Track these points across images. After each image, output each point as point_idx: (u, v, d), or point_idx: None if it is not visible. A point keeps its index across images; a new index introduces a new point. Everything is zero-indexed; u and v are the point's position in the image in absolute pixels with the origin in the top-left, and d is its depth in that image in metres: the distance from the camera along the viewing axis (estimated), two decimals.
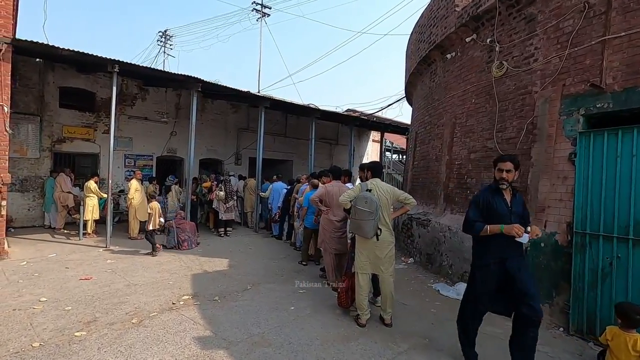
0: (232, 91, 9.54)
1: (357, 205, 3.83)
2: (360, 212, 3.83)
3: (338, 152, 17.18)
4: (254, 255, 7.32)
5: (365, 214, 3.82)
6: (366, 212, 3.82)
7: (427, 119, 7.26)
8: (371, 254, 4.06)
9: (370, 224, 3.85)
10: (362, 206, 3.82)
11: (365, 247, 4.05)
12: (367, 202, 3.83)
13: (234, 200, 9.45)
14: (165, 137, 11.81)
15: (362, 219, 3.83)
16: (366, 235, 3.90)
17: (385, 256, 4.09)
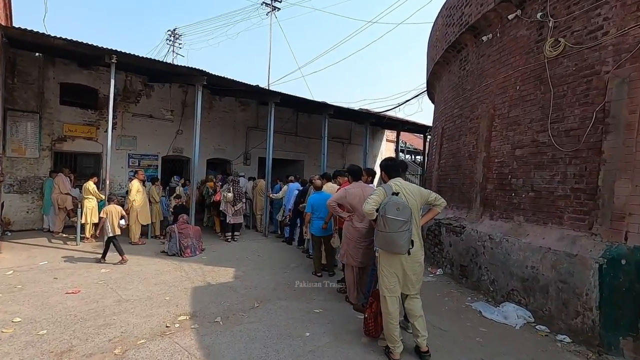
0: (239, 85, 8.82)
1: (388, 214, 3.02)
2: (391, 223, 3.02)
3: (351, 151, 16.36)
4: (263, 264, 6.56)
5: (398, 224, 3.02)
6: (399, 221, 3.02)
7: (457, 112, 6.40)
8: (400, 271, 3.26)
9: (404, 236, 3.05)
10: (393, 214, 3.01)
11: (393, 264, 3.25)
12: (399, 208, 3.03)
13: (243, 202, 8.72)
14: (171, 135, 11.16)
15: (394, 231, 3.03)
16: (400, 250, 3.10)
17: (416, 273, 3.30)
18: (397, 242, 3.06)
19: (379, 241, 3.18)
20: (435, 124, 8.00)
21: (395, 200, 3.09)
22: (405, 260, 3.22)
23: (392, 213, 3.03)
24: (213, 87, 10.05)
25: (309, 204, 5.84)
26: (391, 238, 3.06)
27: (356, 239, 4.48)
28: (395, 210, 3.02)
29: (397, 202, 3.06)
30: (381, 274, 3.31)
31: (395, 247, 3.09)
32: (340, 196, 4.56)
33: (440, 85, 7.87)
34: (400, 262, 3.23)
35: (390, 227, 3.04)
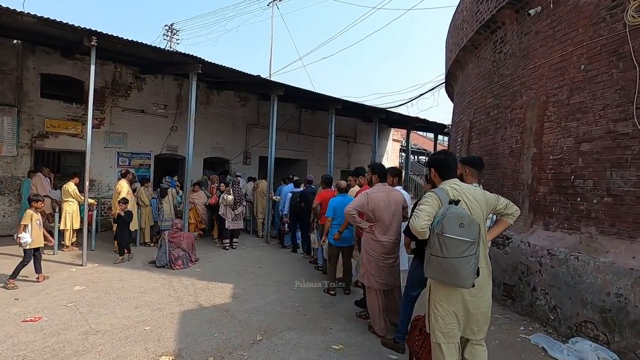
0: (238, 76, 7.85)
1: (447, 232, 2.06)
2: (452, 245, 2.07)
3: (356, 151, 15.41)
4: (266, 278, 5.59)
5: (462, 247, 2.07)
6: (464, 242, 2.07)
7: (491, 102, 5.45)
8: (461, 309, 2.30)
9: (470, 262, 2.11)
10: (455, 233, 2.06)
11: (452, 301, 2.29)
12: (463, 224, 2.07)
13: (243, 205, 7.77)
14: (164, 132, 10.18)
15: (456, 256, 2.07)
16: (463, 283, 2.14)
17: (483, 311, 2.34)
18: (459, 272, 2.10)
19: (432, 270, 2.21)
20: (459, 118, 7.06)
21: (458, 213, 2.13)
22: (468, 294, 2.27)
23: (453, 231, 2.07)
24: (209, 79, 9.10)
25: (330, 207, 4.88)
26: (451, 266, 2.10)
27: (379, 255, 3.53)
28: (457, 227, 2.06)
29: (459, 215, 2.11)
30: (434, 314, 2.35)
31: (456, 278, 2.13)
32: (361, 202, 3.59)
33: (465, 74, 6.92)
34: (462, 297, 2.28)
35: (450, 251, 2.08)
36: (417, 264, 3.28)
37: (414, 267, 3.30)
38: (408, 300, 3.36)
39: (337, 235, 4.67)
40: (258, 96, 11.92)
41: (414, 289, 3.33)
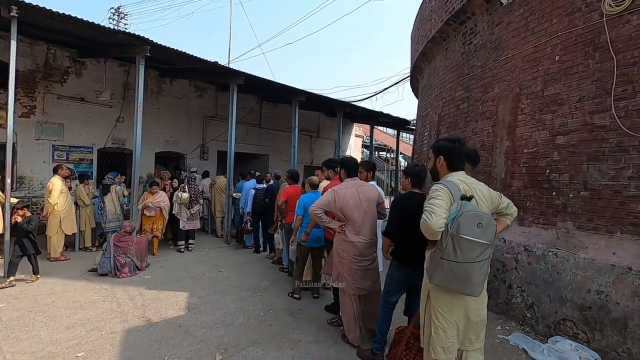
0: (193, 62, 7.14)
1: (463, 232, 1.73)
2: (469, 247, 1.74)
3: (319, 145, 15.07)
4: (226, 284, 5.06)
5: (478, 250, 1.76)
6: (481, 245, 1.76)
7: (461, 95, 5.31)
8: (462, 318, 2.02)
9: (483, 267, 1.82)
10: (473, 234, 1.73)
11: (454, 309, 2.00)
12: (481, 224, 1.76)
13: (200, 204, 7.11)
14: (109, 124, 9.13)
15: (471, 261, 1.76)
16: (473, 291, 1.84)
17: (481, 317, 2.08)
18: (471, 279, 1.80)
19: (441, 276, 1.87)
20: (426, 112, 6.92)
21: (475, 211, 1.80)
22: (472, 301, 1.98)
23: (470, 231, 1.74)
24: (160, 65, 8.27)
25: (300, 205, 4.45)
26: (464, 272, 1.78)
27: (352, 258, 3.18)
28: (475, 227, 1.73)
29: (477, 213, 1.78)
30: (434, 326, 2.03)
31: (467, 285, 1.82)
32: (327, 200, 3.22)
33: (432, 67, 6.78)
34: (465, 305, 1.99)
35: (464, 255, 1.75)
36: (395, 267, 2.98)
37: (393, 269, 2.99)
38: (387, 307, 3.05)
39: (304, 237, 4.27)
40: (216, 86, 11.16)
41: (393, 294, 3.03)
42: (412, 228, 2.87)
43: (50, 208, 5.84)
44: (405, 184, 3.04)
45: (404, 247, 2.89)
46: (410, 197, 2.93)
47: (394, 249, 2.99)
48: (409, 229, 2.84)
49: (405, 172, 3.08)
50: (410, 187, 3.02)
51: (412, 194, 2.97)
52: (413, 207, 2.87)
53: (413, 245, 2.93)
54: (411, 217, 2.85)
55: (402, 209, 2.84)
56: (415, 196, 2.98)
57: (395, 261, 2.98)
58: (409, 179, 3.01)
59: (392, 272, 3.00)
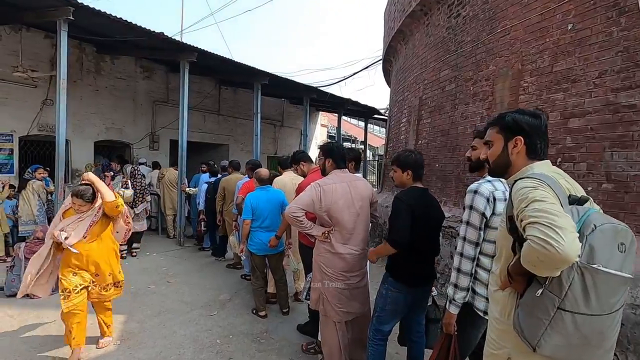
0: (130, 30, 5.91)
1: (600, 260, 0.99)
2: (608, 286, 1.01)
3: (284, 135, 14.12)
4: (175, 300, 4.10)
5: (620, 290, 1.05)
6: (624, 282, 1.04)
7: (447, 75, 4.67)
8: None
9: (617, 320, 1.09)
10: (613, 263, 1.00)
11: None
12: (624, 244, 1.03)
13: (147, 202, 5.99)
14: (34, 107, 7.59)
15: (609, 311, 1.04)
16: None
17: None
18: (606, 341, 1.09)
19: (557, 341, 1.06)
20: (403, 96, 6.27)
21: (612, 223, 1.06)
22: None
23: (610, 259, 1.01)
24: (95, 37, 6.91)
25: (248, 206, 3.60)
26: (599, 331, 1.06)
27: (339, 274, 2.41)
28: (616, 250, 1.02)
29: (616, 227, 1.05)
30: None
31: (598, 354, 1.10)
32: (310, 199, 2.37)
33: (410, 46, 6.11)
34: None
35: (602, 300, 1.02)
36: (393, 286, 2.24)
37: (389, 289, 2.26)
38: (379, 337, 2.31)
39: (274, 242, 3.44)
40: (167, 67, 9.81)
41: (388, 321, 2.30)
42: (420, 236, 2.16)
43: None
44: (404, 178, 2.30)
45: (408, 261, 2.17)
46: (417, 195, 2.22)
47: (393, 263, 2.26)
48: (416, 237, 2.13)
49: (401, 163, 2.31)
50: (411, 181, 2.29)
51: (418, 190, 2.25)
52: (421, 208, 2.16)
53: (420, 257, 2.22)
54: (419, 221, 2.14)
55: (411, 210, 2.12)
56: (424, 194, 2.27)
57: (392, 278, 2.25)
58: (409, 170, 2.28)
59: (387, 293, 2.26)
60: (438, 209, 2.34)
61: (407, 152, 2.39)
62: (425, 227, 2.15)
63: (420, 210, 2.12)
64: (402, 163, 2.31)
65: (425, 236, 2.17)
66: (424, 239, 2.16)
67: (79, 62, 8.24)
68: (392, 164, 2.38)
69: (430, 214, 2.23)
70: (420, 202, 2.17)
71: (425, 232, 2.16)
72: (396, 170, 2.33)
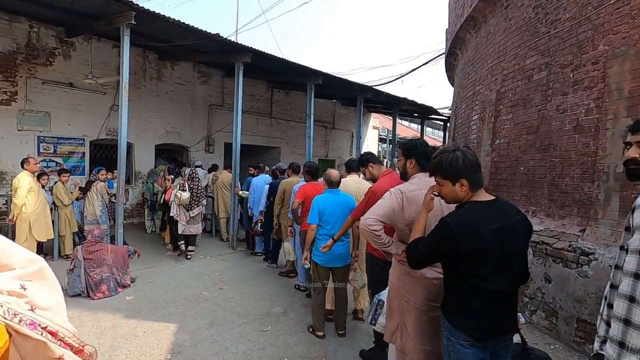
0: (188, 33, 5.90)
1: None
2: None
3: (335, 137, 13.78)
4: (227, 310, 3.85)
5: None
6: None
7: (534, 62, 3.94)
8: None
9: None
10: None
11: None
12: None
13: (203, 205, 5.92)
14: (102, 113, 8.02)
15: None
16: None
17: None
18: None
19: None
20: (474, 90, 5.56)
21: None
22: None
23: None
24: (155, 44, 7.08)
25: (315, 210, 3.21)
26: None
27: (421, 303, 1.89)
28: None
29: None
30: None
31: None
32: (390, 207, 1.86)
33: (482, 35, 5.40)
34: None
35: None
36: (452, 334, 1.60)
37: (448, 337, 1.62)
38: None
39: (326, 247, 3.01)
40: (222, 72, 9.96)
41: None
42: (500, 269, 1.51)
43: (17, 210, 4.74)
44: (457, 190, 1.58)
45: (485, 305, 1.53)
46: (478, 216, 1.52)
47: (449, 302, 1.65)
48: (494, 270, 1.51)
49: (444, 170, 1.58)
50: (468, 191, 1.57)
51: (479, 208, 1.55)
52: (489, 236, 1.49)
53: (502, 299, 1.57)
54: (486, 252, 1.50)
55: (452, 237, 1.50)
56: (491, 208, 1.55)
57: (449, 323, 1.61)
58: (463, 179, 1.55)
59: (447, 343, 1.62)
60: (520, 224, 1.59)
61: (447, 151, 1.60)
62: (500, 259, 1.51)
63: (484, 237, 1.48)
64: (447, 169, 1.56)
65: (500, 270, 1.52)
66: (505, 277, 1.53)
67: (143, 69, 8.58)
68: (433, 172, 1.66)
69: (506, 235, 1.52)
70: (483, 224, 1.49)
71: (500, 265, 1.52)
72: (443, 184, 1.61)
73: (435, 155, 1.66)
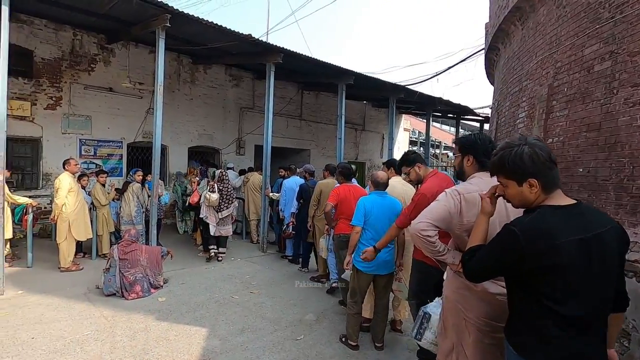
0: (220, 34, 5.91)
1: None
2: None
3: (365, 139, 13.50)
4: (258, 316, 3.72)
5: None
6: None
7: (595, 51, 3.51)
8: None
9: None
10: None
11: None
12: None
13: (233, 206, 5.86)
14: (139, 116, 8.25)
15: None
16: None
17: None
18: None
19: None
20: (521, 86, 5.14)
21: None
22: None
23: None
24: (188, 47, 7.17)
25: (360, 211, 3.00)
26: None
27: (483, 322, 1.63)
28: None
29: None
30: None
31: None
32: (446, 210, 1.61)
33: (530, 25, 4.98)
34: None
35: None
36: None
37: None
38: None
39: (368, 255, 2.78)
40: (253, 75, 10.00)
41: None
42: (584, 292, 1.21)
43: (58, 210, 4.88)
44: (525, 192, 1.30)
45: (563, 334, 1.23)
46: (555, 223, 1.23)
47: (516, 327, 1.36)
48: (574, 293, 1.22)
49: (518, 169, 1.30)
50: (541, 195, 1.29)
51: (555, 213, 1.25)
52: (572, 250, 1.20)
53: (586, 329, 1.25)
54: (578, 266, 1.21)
55: (518, 247, 1.22)
56: (571, 214, 1.25)
57: (517, 353, 1.32)
58: (534, 179, 1.27)
59: None
60: (612, 235, 1.26)
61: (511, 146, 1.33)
62: (583, 279, 1.21)
63: (560, 251, 1.18)
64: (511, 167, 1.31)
65: (583, 292, 1.22)
66: (578, 296, 1.22)
67: (177, 73, 8.76)
68: (494, 171, 1.41)
69: (592, 249, 1.21)
70: (561, 234, 1.20)
71: (584, 286, 1.22)
72: (507, 185, 1.34)
73: (496, 152, 1.40)
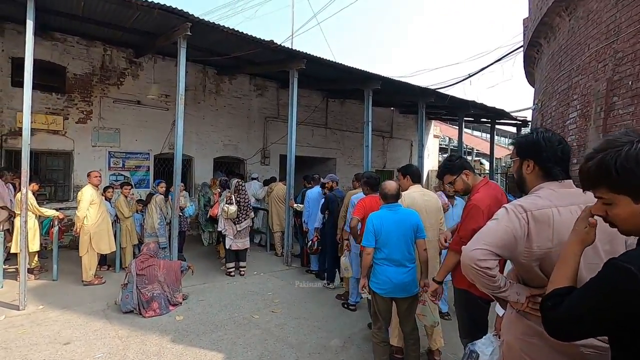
0: (241, 41, 5.77)
1: None
2: None
3: (393, 147, 13.01)
4: (279, 340, 3.39)
5: None
6: None
7: None
8: None
9: None
10: None
11: None
12: None
13: (251, 218, 5.62)
14: (165, 128, 8.29)
15: None
16: None
17: None
18: None
19: None
20: (570, 82, 4.59)
21: None
22: None
23: None
24: (210, 58, 7.12)
25: (369, 229, 2.66)
26: None
27: None
28: None
29: None
30: None
31: None
32: (510, 233, 1.20)
33: (580, 14, 4.44)
34: None
35: None
36: None
37: None
38: None
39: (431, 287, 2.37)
40: (277, 84, 9.89)
41: None
42: None
43: (79, 222, 4.83)
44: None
45: None
46: None
47: None
48: None
49: (636, 179, 0.89)
50: None
51: None
52: None
53: None
54: None
55: None
56: None
57: None
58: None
59: None
60: None
61: (614, 145, 0.94)
62: None
63: None
64: (624, 177, 0.91)
65: None
66: None
67: (202, 84, 8.78)
68: (590, 183, 1.01)
69: None
70: None
71: None
72: (615, 202, 0.95)
73: (590, 155, 0.99)
